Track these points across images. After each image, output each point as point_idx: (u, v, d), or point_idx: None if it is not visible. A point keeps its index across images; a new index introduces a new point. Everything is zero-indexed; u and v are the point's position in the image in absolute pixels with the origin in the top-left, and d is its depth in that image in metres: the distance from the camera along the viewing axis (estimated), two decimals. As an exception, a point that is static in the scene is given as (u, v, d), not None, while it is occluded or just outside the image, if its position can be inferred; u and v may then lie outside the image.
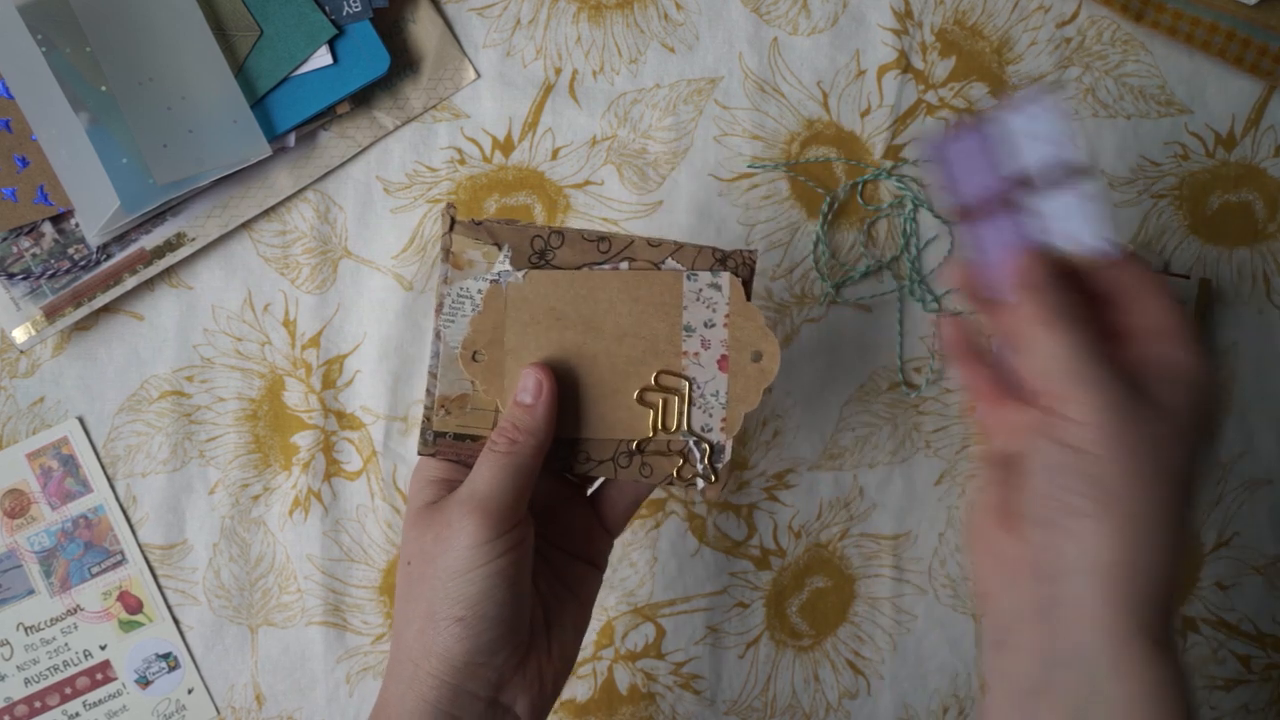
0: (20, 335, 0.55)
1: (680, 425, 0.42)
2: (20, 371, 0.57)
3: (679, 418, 0.42)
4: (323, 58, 0.55)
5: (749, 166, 0.58)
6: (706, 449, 0.42)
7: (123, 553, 0.57)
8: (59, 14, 0.52)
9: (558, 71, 0.58)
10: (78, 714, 0.57)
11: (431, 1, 0.58)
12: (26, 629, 0.57)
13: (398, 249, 0.58)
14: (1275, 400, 0.59)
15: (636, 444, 0.42)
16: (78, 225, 0.55)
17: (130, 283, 0.56)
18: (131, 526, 0.57)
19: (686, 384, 0.42)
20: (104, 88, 0.52)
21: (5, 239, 0.55)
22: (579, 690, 0.59)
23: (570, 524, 0.45)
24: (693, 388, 0.41)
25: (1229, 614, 0.60)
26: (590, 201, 0.58)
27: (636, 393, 0.42)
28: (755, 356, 0.41)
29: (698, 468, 0.42)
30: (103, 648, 0.58)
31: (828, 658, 0.60)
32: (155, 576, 0.58)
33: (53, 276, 0.55)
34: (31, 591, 0.57)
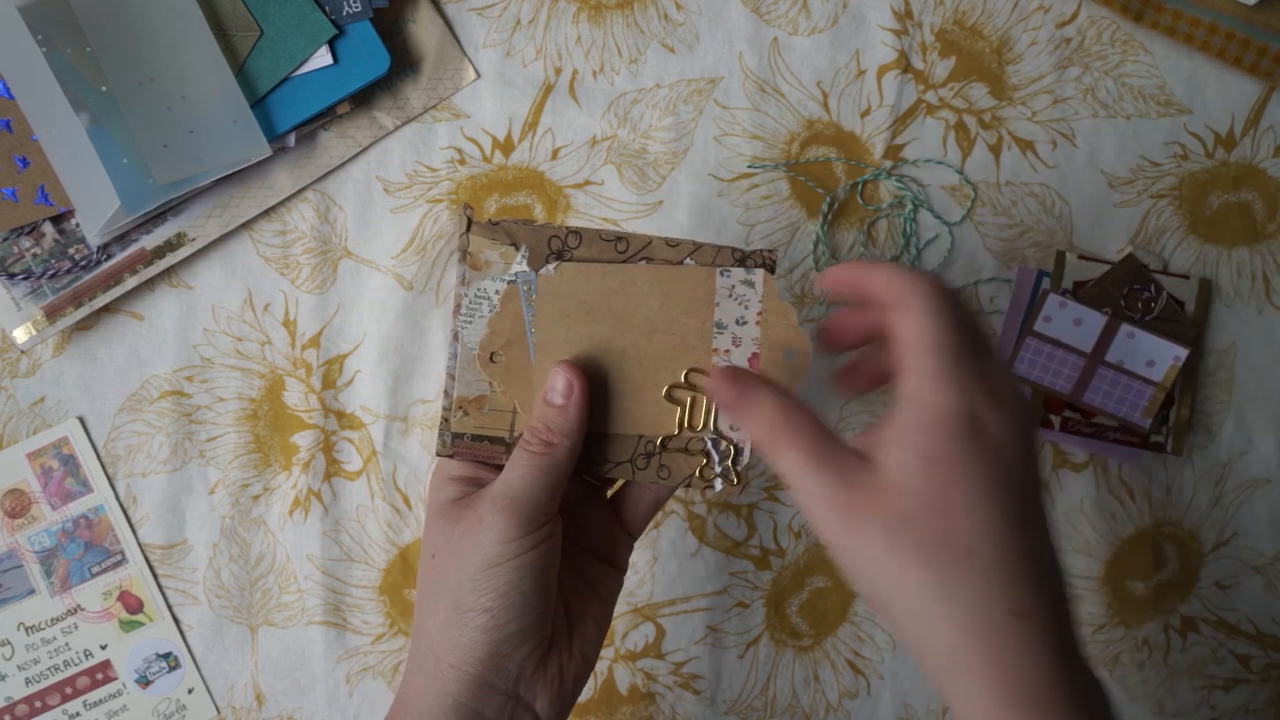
0: (21, 335, 0.55)
1: (707, 424, 0.42)
2: (21, 371, 0.57)
3: (705, 416, 0.42)
4: (323, 58, 0.55)
5: (749, 166, 0.58)
6: (728, 450, 0.42)
7: (123, 553, 0.57)
8: (59, 14, 0.52)
9: (558, 71, 0.58)
10: (78, 714, 0.58)
11: (431, 1, 0.58)
12: (27, 629, 0.57)
13: (398, 249, 0.58)
14: (1275, 400, 0.60)
15: (661, 441, 0.42)
16: (78, 225, 0.55)
17: (130, 283, 0.56)
18: (132, 526, 0.57)
19: None
20: (104, 88, 0.52)
21: (6, 239, 0.55)
22: (579, 690, 0.59)
23: (591, 525, 0.45)
24: None
25: (1228, 614, 0.60)
26: (590, 201, 0.58)
27: (665, 389, 0.42)
28: (788, 355, 0.41)
29: (716, 469, 0.42)
30: (103, 647, 0.58)
31: (828, 658, 0.60)
32: (155, 576, 0.58)
33: (53, 276, 0.55)
34: (32, 591, 0.57)
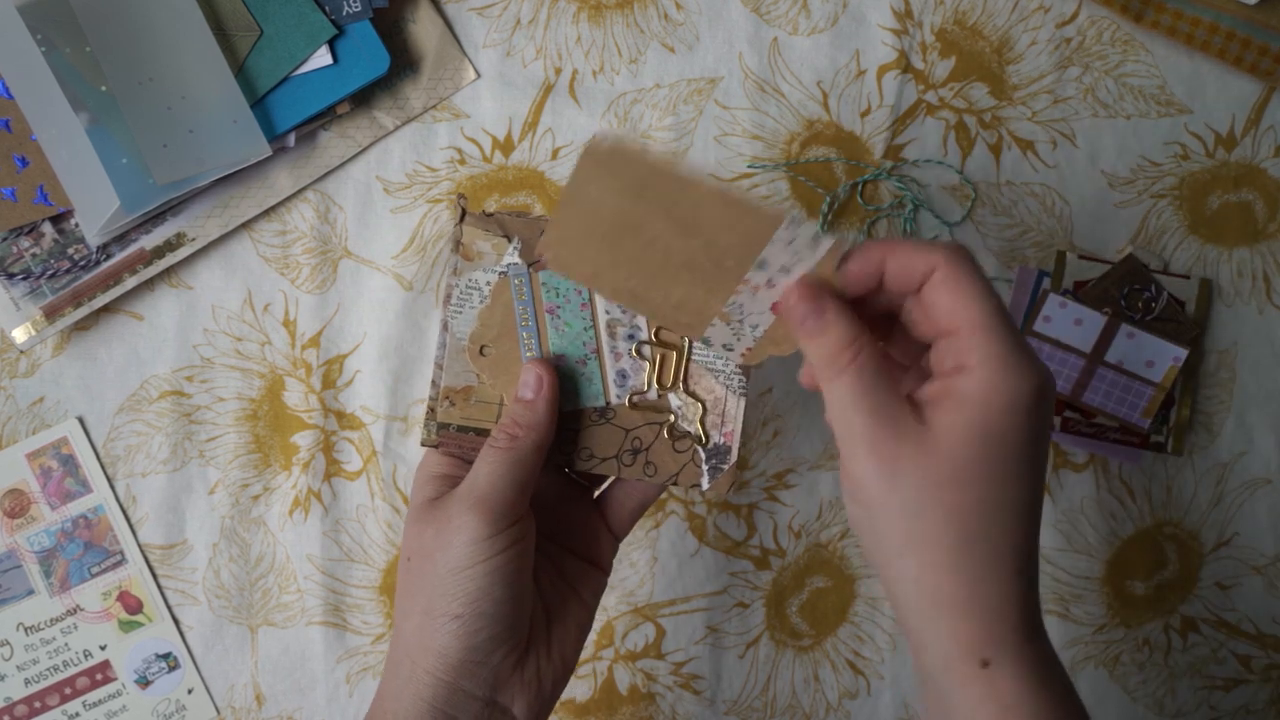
0: (20, 335, 0.55)
1: (676, 384, 0.42)
2: (20, 371, 0.57)
3: (675, 375, 0.42)
4: (323, 58, 0.55)
5: (749, 166, 0.58)
6: (715, 448, 0.42)
7: (122, 553, 0.57)
8: (59, 14, 0.52)
9: (558, 71, 0.58)
10: (78, 714, 0.57)
11: (431, 1, 0.58)
12: (26, 629, 0.57)
13: (398, 249, 0.58)
14: (1275, 400, 0.59)
15: (631, 398, 0.42)
16: (78, 225, 0.55)
17: (130, 283, 0.56)
18: (131, 526, 0.57)
19: (687, 343, 0.41)
20: (104, 88, 0.52)
21: (5, 239, 0.55)
22: (579, 690, 0.59)
23: (575, 524, 0.45)
24: (735, 312, 0.39)
25: (1229, 614, 0.60)
26: (590, 201, 0.58)
27: (635, 345, 0.41)
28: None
29: (702, 468, 0.42)
30: (103, 648, 0.58)
31: (828, 658, 0.60)
32: (155, 576, 0.58)
33: (53, 276, 0.55)
34: (31, 591, 0.57)
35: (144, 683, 0.58)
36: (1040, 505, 0.35)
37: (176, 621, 0.58)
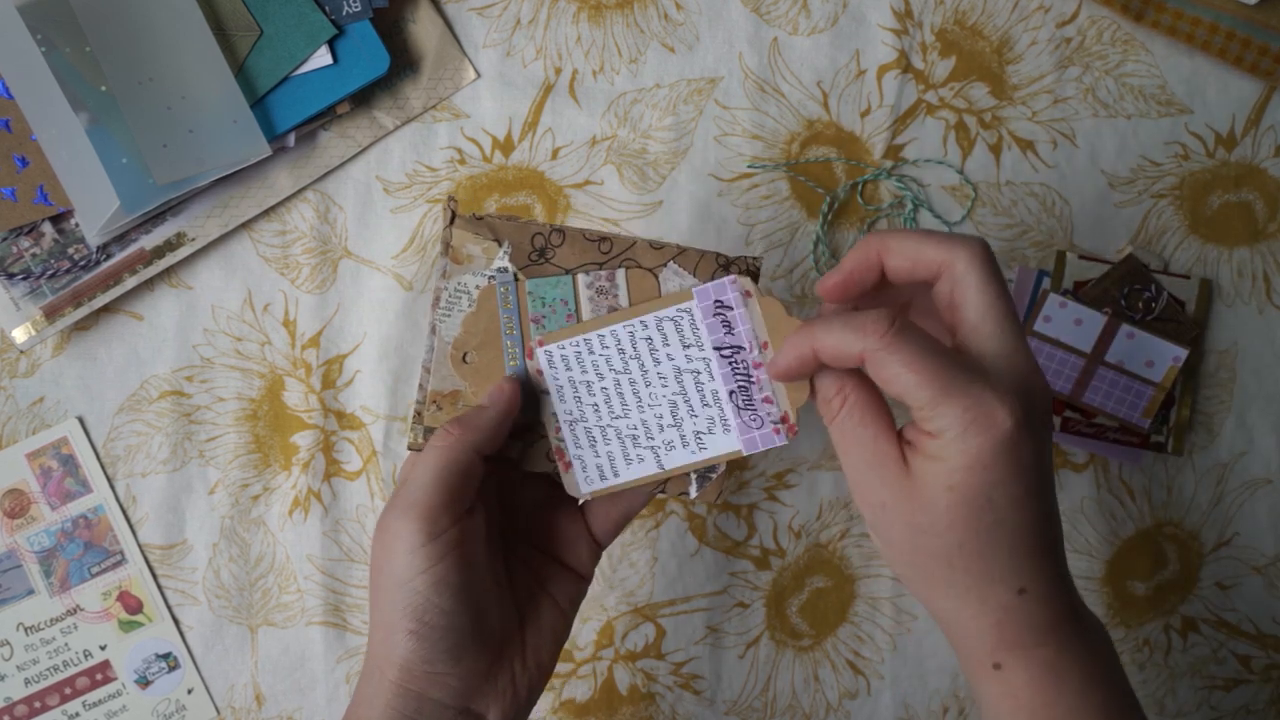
0: (20, 335, 0.55)
1: None
2: (20, 371, 0.57)
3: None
4: (323, 58, 0.55)
5: (749, 166, 0.58)
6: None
7: (122, 553, 0.57)
8: (59, 14, 0.52)
9: (558, 71, 0.58)
10: (77, 714, 0.57)
11: (431, 1, 0.58)
12: (26, 629, 0.57)
13: (398, 249, 0.58)
14: (1275, 400, 0.59)
15: None
16: (78, 225, 0.55)
17: (130, 283, 0.56)
18: (131, 526, 0.57)
19: None
20: (104, 88, 0.52)
21: (5, 239, 0.55)
22: (579, 690, 0.59)
23: (557, 530, 0.44)
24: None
25: (1229, 614, 0.60)
26: (590, 201, 0.58)
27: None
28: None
29: (690, 476, 0.42)
30: (102, 648, 0.58)
31: (828, 658, 0.60)
32: (155, 576, 0.58)
33: (52, 276, 0.55)
34: (31, 591, 0.57)
35: (144, 683, 0.58)
36: (1045, 520, 0.35)
37: (176, 621, 0.58)
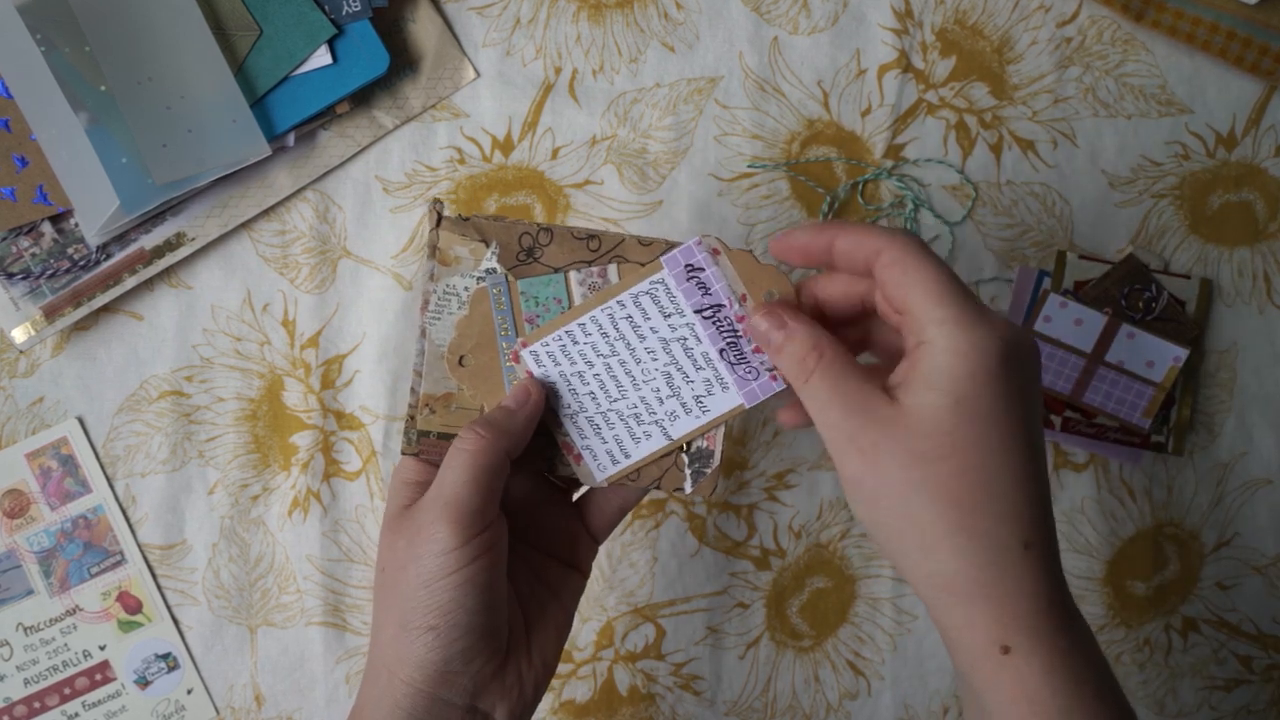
0: (20, 335, 0.55)
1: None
2: (20, 371, 0.57)
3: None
4: (322, 57, 0.55)
5: (749, 166, 0.58)
6: (699, 452, 0.42)
7: (122, 553, 0.57)
8: (59, 14, 0.52)
9: (557, 71, 0.58)
10: (77, 714, 0.57)
11: (431, 1, 0.58)
12: (26, 629, 0.57)
13: (397, 249, 0.58)
14: (1275, 400, 0.59)
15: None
16: (77, 225, 0.55)
17: (130, 283, 0.56)
18: (131, 526, 0.57)
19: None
20: (104, 88, 0.52)
21: (5, 239, 0.55)
22: (579, 691, 0.59)
23: (553, 526, 0.44)
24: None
25: (1229, 614, 0.60)
26: (590, 201, 0.58)
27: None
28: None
29: (687, 472, 0.42)
30: (102, 648, 0.57)
31: (828, 658, 0.60)
32: (155, 577, 0.58)
33: (52, 276, 0.55)
34: (31, 592, 0.57)
35: (143, 683, 0.58)
36: (1041, 473, 0.34)
37: (176, 622, 0.58)
